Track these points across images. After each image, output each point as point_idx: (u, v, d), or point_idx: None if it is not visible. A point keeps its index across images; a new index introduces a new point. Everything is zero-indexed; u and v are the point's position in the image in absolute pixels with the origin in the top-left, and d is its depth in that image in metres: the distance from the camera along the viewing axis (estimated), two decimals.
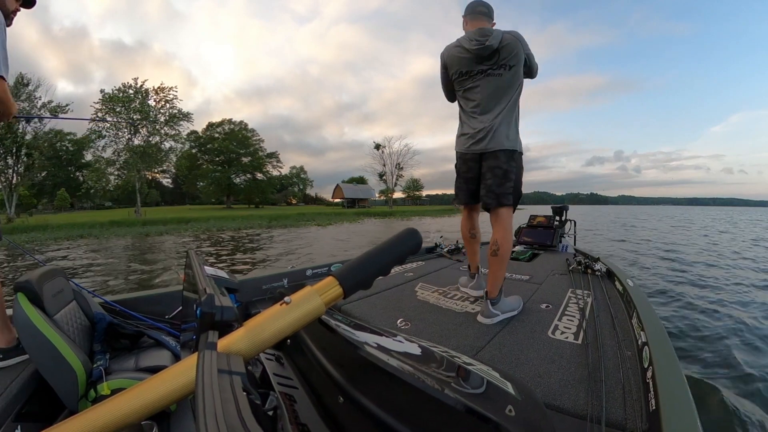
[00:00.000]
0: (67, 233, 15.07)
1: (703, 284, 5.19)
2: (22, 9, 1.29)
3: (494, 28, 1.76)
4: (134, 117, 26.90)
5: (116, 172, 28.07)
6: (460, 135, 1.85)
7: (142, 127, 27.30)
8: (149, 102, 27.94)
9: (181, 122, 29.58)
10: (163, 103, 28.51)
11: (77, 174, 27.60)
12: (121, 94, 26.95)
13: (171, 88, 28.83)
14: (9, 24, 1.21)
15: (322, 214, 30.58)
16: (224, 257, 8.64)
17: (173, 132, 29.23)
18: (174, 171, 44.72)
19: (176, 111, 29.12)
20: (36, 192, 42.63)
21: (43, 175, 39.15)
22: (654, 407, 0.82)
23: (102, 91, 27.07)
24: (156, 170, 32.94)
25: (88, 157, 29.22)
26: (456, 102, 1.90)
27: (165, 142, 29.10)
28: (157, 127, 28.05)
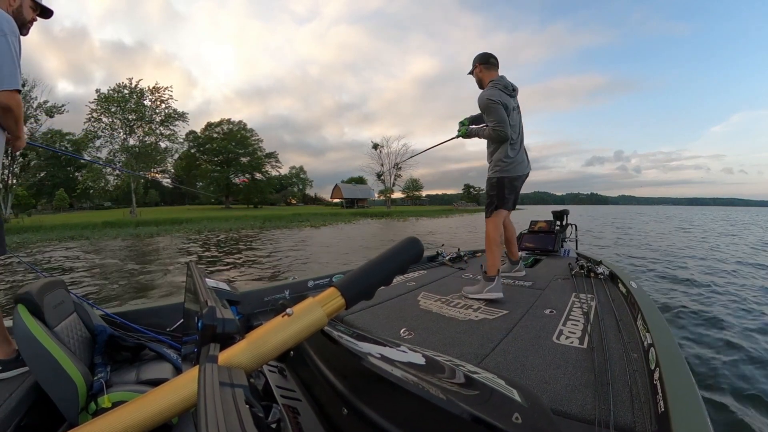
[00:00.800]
0: (58, 234, 15.16)
1: (705, 283, 5.19)
2: (39, 19, 1.28)
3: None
4: (129, 117, 26.70)
5: (115, 172, 27.96)
6: (518, 161, 2.25)
7: (138, 127, 27.07)
8: (145, 102, 27.73)
9: (177, 122, 29.38)
10: (158, 103, 28.35)
11: (76, 174, 27.60)
12: (116, 95, 26.74)
13: (166, 88, 28.72)
14: (25, 33, 1.20)
15: (317, 214, 30.14)
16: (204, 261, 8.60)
17: (168, 132, 29.04)
18: (173, 171, 44.69)
19: (171, 111, 28.95)
20: (35, 192, 42.62)
21: (42, 175, 39.13)
22: (663, 409, 0.81)
23: (97, 90, 26.94)
24: (156, 170, 32.86)
25: (87, 157, 28.98)
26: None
27: (161, 142, 28.90)
28: (152, 126, 27.80)
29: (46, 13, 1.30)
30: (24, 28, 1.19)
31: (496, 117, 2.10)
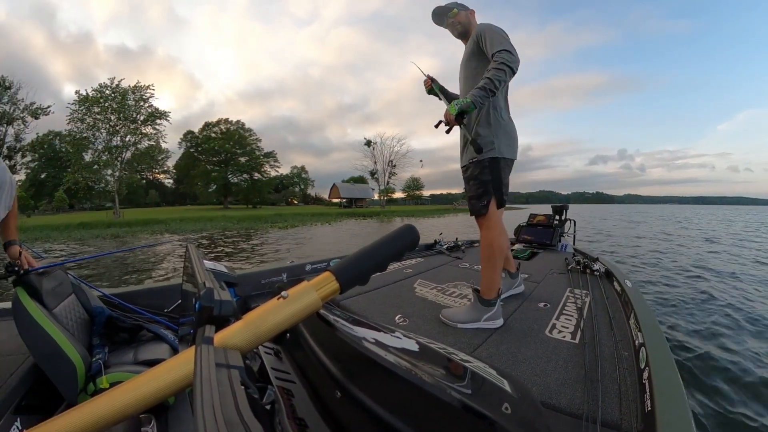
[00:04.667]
0: (28, 236, 15.08)
1: (698, 283, 5.19)
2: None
3: None
4: (111, 117, 25.97)
5: (106, 170, 27.08)
6: (513, 139, 1.61)
7: (121, 127, 26.29)
8: (129, 102, 26.72)
9: (159, 121, 28.35)
10: (141, 102, 27.36)
11: (76, 176, 27.23)
12: (98, 95, 25.89)
13: (148, 87, 27.77)
14: None
15: (300, 215, 28.57)
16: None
17: (153, 131, 28.15)
18: (174, 171, 44.44)
19: (153, 110, 27.93)
20: (34, 193, 42.67)
21: (43, 176, 39.02)
22: (649, 408, 0.82)
23: (77, 92, 25.96)
24: (157, 171, 32.46)
25: (86, 159, 28.42)
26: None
27: (145, 142, 28.04)
28: (136, 126, 26.94)
29: None
30: None
31: (506, 44, 1.44)
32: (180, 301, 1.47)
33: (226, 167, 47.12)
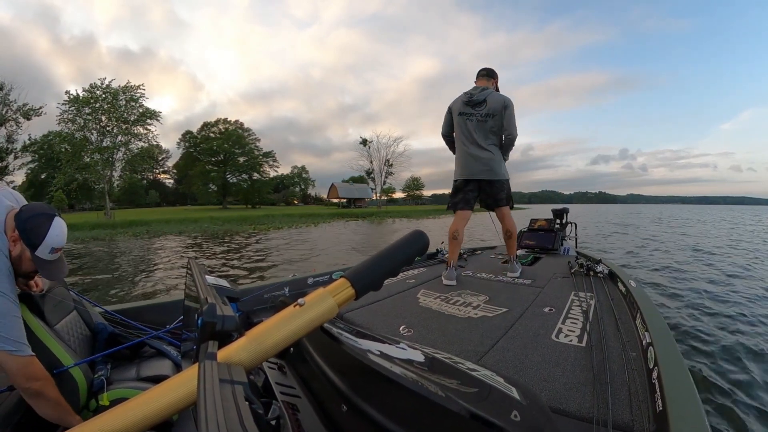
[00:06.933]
0: None
1: (707, 282, 5.18)
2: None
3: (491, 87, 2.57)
4: (102, 118, 25.65)
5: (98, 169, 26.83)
6: (460, 159, 2.61)
7: (113, 127, 25.96)
8: (120, 102, 26.29)
9: (150, 121, 27.86)
10: (132, 102, 26.92)
11: (76, 176, 27.00)
12: (89, 95, 25.52)
13: (138, 87, 27.27)
14: (22, 283, 1.01)
15: (289, 215, 27.74)
16: None
17: (144, 132, 27.71)
18: (175, 171, 44.26)
19: (144, 110, 27.47)
20: (33, 194, 42.67)
21: (43, 177, 39.04)
22: (661, 408, 0.81)
23: (67, 92, 25.51)
24: (156, 171, 32.12)
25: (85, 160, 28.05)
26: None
27: (136, 143, 27.65)
28: (127, 127, 26.59)
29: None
30: (19, 276, 1.00)
31: None
32: (183, 317, 1.48)
33: (225, 167, 47.05)
